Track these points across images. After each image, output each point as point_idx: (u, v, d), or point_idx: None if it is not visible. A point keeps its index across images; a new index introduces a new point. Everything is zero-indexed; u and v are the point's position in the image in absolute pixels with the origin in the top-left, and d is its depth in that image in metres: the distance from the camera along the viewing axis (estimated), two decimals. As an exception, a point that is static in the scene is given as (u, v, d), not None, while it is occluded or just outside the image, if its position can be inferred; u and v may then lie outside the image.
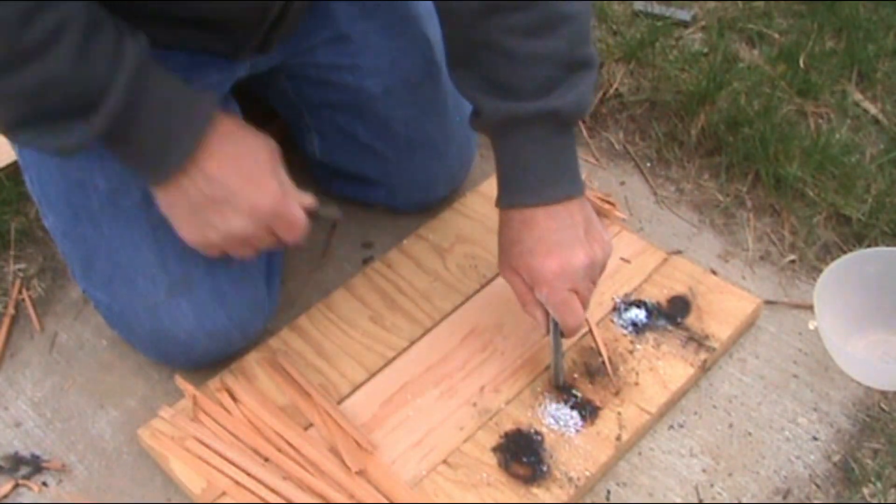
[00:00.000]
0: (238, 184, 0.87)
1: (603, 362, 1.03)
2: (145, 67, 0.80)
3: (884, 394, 1.04)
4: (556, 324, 0.95)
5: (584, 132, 1.35)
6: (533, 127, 0.90)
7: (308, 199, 0.93)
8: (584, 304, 0.94)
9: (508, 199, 0.95)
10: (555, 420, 0.98)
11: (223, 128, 0.86)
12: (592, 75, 0.92)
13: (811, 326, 1.10)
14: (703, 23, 1.48)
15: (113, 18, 0.80)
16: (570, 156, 0.94)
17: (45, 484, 0.98)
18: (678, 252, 1.17)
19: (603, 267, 0.96)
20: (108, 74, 0.77)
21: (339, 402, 1.00)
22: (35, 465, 0.99)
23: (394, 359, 1.04)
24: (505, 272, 0.97)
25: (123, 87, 0.78)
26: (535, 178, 0.92)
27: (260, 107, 1.17)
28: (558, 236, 0.92)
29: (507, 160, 0.94)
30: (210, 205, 0.87)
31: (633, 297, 1.10)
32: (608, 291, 1.10)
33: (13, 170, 1.24)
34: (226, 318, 1.00)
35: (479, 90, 0.92)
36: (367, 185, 1.21)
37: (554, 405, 0.99)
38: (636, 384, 1.01)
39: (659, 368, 1.03)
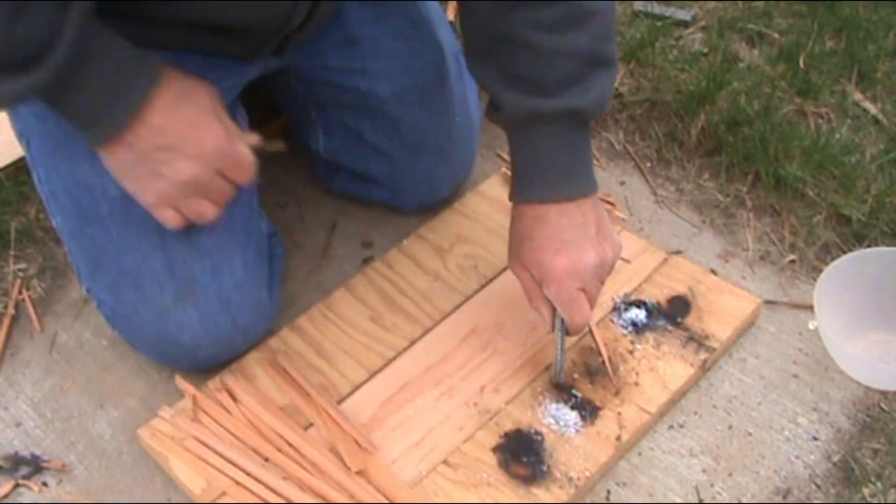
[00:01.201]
0: (182, 130, 0.86)
1: (603, 362, 1.03)
2: (90, 24, 0.80)
3: (884, 394, 1.04)
4: (561, 321, 0.95)
5: (584, 132, 1.35)
6: (553, 124, 0.90)
7: (252, 138, 0.93)
8: (592, 303, 0.95)
9: (523, 194, 0.94)
10: (555, 420, 0.98)
11: (165, 79, 0.85)
12: (613, 73, 0.93)
13: (811, 326, 1.10)
14: (703, 23, 1.48)
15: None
16: (585, 153, 0.94)
17: (45, 484, 0.98)
18: (678, 252, 1.17)
19: (612, 267, 0.96)
20: (52, 30, 0.77)
21: (339, 402, 1.00)
22: (35, 465, 0.99)
23: (394, 359, 1.04)
24: (514, 267, 0.97)
25: (68, 42, 0.77)
26: (552, 175, 0.92)
27: (263, 103, 1.17)
28: (569, 234, 0.92)
29: (525, 155, 0.94)
30: (157, 153, 0.86)
31: (633, 297, 1.10)
32: (608, 291, 1.10)
33: (13, 170, 1.24)
34: (230, 323, 1.00)
35: (500, 83, 0.91)
36: (370, 184, 1.21)
37: (554, 405, 0.99)
38: (636, 384, 1.01)
39: (659, 368, 1.03)
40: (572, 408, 0.99)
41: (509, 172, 1.23)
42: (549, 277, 0.92)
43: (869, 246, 1.15)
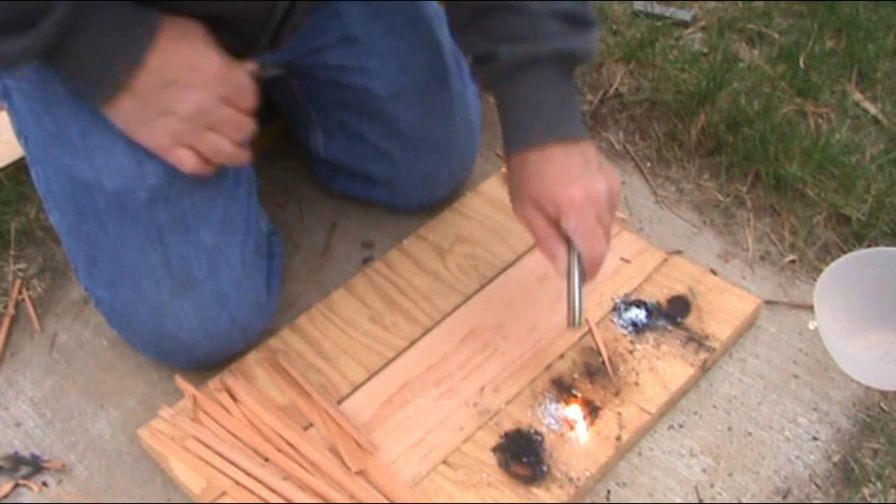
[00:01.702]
0: (181, 63, 0.88)
1: (603, 362, 1.03)
2: None
3: (884, 394, 1.04)
4: (577, 260, 0.94)
5: (584, 132, 1.35)
6: (546, 69, 0.93)
7: (249, 64, 0.94)
8: (608, 236, 0.95)
9: (524, 140, 0.95)
10: (555, 420, 0.98)
11: (161, 24, 0.88)
12: (595, 30, 0.97)
13: (811, 326, 1.10)
14: (703, 23, 1.49)
15: None
16: (575, 100, 0.98)
17: (45, 484, 0.98)
18: (678, 252, 1.17)
19: (619, 199, 0.97)
20: None
21: (339, 402, 1.00)
22: (35, 465, 0.99)
23: (394, 359, 1.04)
24: (524, 209, 0.96)
25: (65, 7, 0.79)
26: (551, 116, 0.94)
27: (263, 104, 1.17)
28: (577, 170, 0.93)
29: (522, 102, 0.96)
30: (161, 91, 0.88)
31: (633, 297, 1.10)
32: (608, 291, 1.10)
33: (13, 170, 1.24)
34: (228, 319, 1.00)
35: (492, 42, 0.94)
36: (369, 184, 1.21)
37: (554, 405, 0.99)
38: (636, 384, 1.01)
39: (659, 368, 1.03)
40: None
41: (508, 172, 1.24)
42: (568, 207, 0.92)
43: (869, 246, 1.15)
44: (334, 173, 1.24)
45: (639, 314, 1.08)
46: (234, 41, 0.97)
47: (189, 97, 0.89)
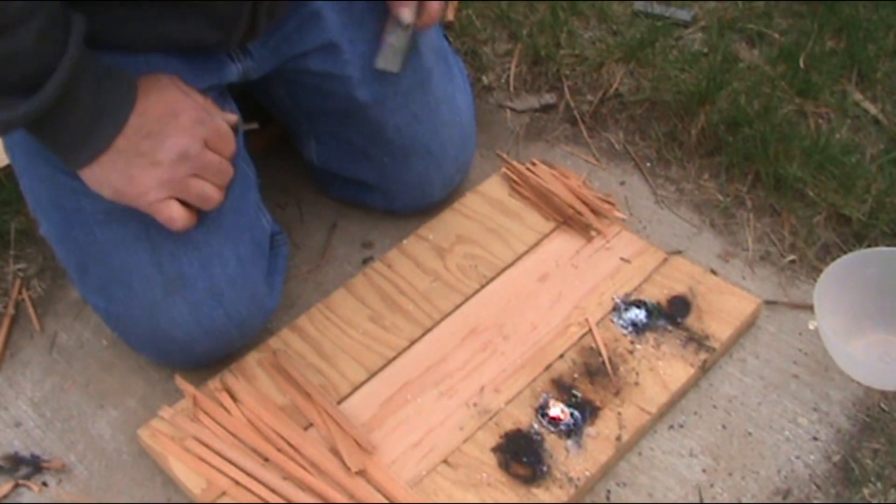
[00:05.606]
0: (159, 112, 0.89)
1: (603, 362, 1.03)
2: (83, 50, 0.82)
3: (884, 394, 1.04)
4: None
5: (584, 132, 1.35)
6: None
7: (231, 116, 0.97)
8: None
9: None
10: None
11: (139, 84, 0.89)
12: None
13: (811, 326, 1.10)
14: (703, 23, 1.48)
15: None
16: None
17: (45, 484, 0.98)
18: (678, 252, 1.17)
19: None
20: (56, 56, 0.80)
21: (339, 402, 1.01)
22: (35, 465, 0.99)
23: (394, 359, 1.04)
24: None
25: (67, 70, 0.80)
26: None
27: (259, 109, 1.17)
28: None
29: None
30: (143, 144, 0.88)
31: (633, 297, 1.10)
32: (608, 291, 1.10)
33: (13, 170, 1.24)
34: (224, 316, 1.00)
35: None
36: (365, 189, 1.22)
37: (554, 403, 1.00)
38: (636, 384, 1.01)
39: (659, 368, 1.03)
40: (572, 408, 0.99)
41: (509, 172, 1.24)
42: None
43: (869, 246, 1.15)
44: (331, 179, 1.24)
45: (639, 314, 1.08)
46: (210, 30, 0.96)
47: (171, 143, 0.89)
